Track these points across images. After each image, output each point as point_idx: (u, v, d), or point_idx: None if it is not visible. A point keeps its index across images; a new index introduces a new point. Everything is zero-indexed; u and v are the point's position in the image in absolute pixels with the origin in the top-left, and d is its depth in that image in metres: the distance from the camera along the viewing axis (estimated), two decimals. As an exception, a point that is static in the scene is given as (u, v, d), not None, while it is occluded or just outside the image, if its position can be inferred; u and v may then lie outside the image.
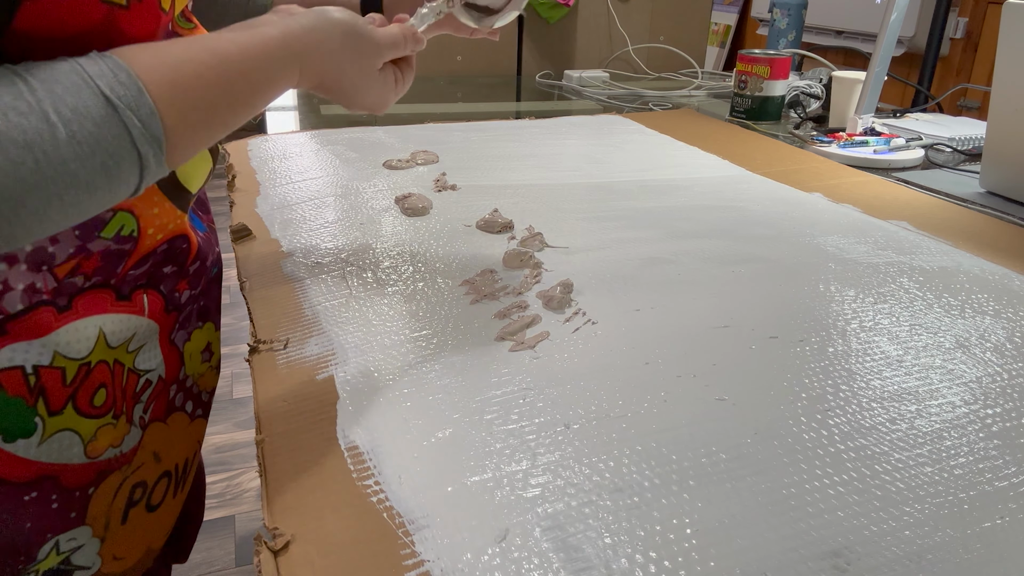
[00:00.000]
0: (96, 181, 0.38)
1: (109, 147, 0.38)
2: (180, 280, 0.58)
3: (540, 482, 0.43)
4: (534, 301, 0.65)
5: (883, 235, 0.83)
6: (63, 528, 0.52)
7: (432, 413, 0.49)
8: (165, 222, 0.54)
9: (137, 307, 0.54)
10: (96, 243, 0.49)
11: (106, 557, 0.55)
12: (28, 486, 0.49)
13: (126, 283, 0.53)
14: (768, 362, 0.56)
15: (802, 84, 1.44)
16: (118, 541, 0.56)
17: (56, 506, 0.51)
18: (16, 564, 0.50)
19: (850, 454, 0.47)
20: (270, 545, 0.38)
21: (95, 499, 0.53)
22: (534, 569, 0.37)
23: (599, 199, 0.91)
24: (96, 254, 0.50)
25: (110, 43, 0.43)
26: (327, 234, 0.77)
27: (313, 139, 1.13)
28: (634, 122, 1.31)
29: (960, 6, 2.37)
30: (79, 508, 0.53)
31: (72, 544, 0.53)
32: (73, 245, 0.48)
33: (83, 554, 0.54)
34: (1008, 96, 0.94)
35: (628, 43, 1.89)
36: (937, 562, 0.39)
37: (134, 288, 0.53)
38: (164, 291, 0.56)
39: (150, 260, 0.53)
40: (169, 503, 0.62)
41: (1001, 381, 0.55)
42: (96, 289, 0.51)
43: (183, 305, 0.59)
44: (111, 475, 0.54)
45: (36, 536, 0.51)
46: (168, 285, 0.57)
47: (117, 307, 0.52)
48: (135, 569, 0.59)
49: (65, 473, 0.51)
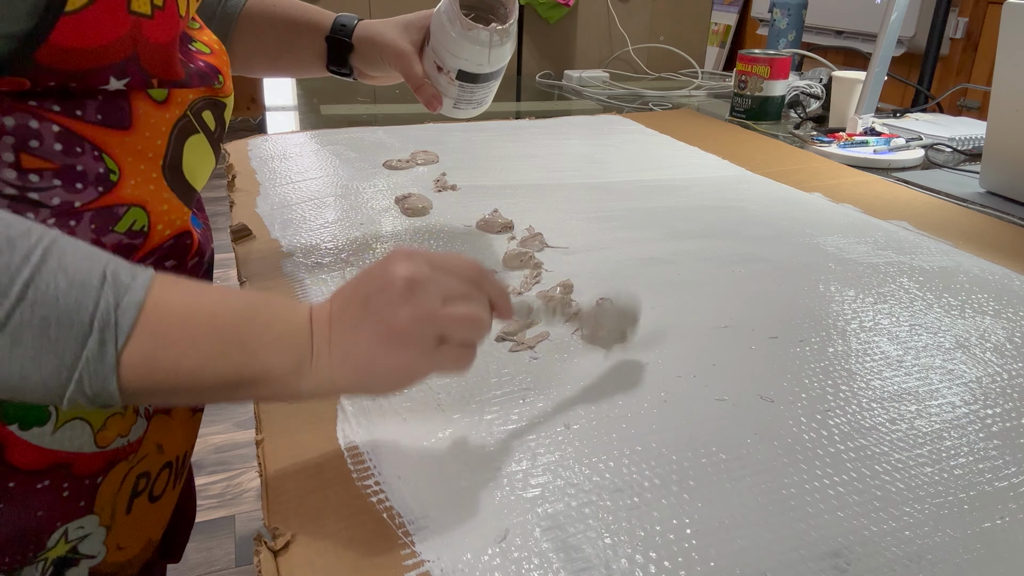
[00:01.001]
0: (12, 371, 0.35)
1: (52, 350, 0.35)
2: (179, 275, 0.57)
3: (540, 482, 0.43)
4: (534, 302, 0.64)
5: (883, 235, 0.83)
6: (73, 516, 0.52)
7: (432, 413, 0.49)
8: (173, 218, 0.53)
9: None
10: (110, 236, 0.49)
11: (110, 546, 0.56)
12: (41, 474, 0.49)
13: None
14: (768, 362, 0.56)
15: (802, 84, 1.44)
16: (122, 531, 0.56)
17: (67, 494, 0.51)
18: (27, 552, 0.50)
19: (850, 454, 0.47)
20: (270, 545, 0.38)
21: (103, 488, 0.53)
22: (534, 569, 0.37)
23: (599, 199, 0.91)
24: (108, 247, 0.49)
25: (135, 51, 0.45)
26: (327, 234, 0.77)
27: (313, 139, 1.13)
28: (634, 122, 1.31)
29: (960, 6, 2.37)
30: (88, 497, 0.53)
31: (80, 533, 0.53)
32: (88, 238, 0.48)
33: (89, 543, 0.54)
34: (1008, 96, 0.94)
35: (628, 43, 1.89)
36: (937, 562, 0.39)
37: None
38: None
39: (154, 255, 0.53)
40: (169, 494, 0.62)
41: (1001, 381, 0.55)
42: None
43: None
44: (118, 464, 0.54)
45: (47, 524, 0.51)
46: None
47: None
48: (136, 560, 0.59)
49: (77, 462, 0.51)
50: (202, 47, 0.56)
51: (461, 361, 0.42)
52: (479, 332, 0.42)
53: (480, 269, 0.44)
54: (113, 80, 0.46)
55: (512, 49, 0.70)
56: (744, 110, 1.38)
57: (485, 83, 0.71)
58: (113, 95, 0.47)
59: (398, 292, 0.40)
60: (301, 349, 0.40)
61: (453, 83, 0.69)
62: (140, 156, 0.50)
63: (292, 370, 0.39)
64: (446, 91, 0.71)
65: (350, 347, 0.40)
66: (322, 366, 0.40)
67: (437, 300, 0.40)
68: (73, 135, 0.46)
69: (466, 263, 0.43)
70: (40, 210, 0.46)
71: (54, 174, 0.46)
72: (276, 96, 1.50)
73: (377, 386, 0.41)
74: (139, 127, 0.49)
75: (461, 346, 0.41)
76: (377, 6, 1.73)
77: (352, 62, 0.74)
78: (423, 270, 0.41)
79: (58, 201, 0.46)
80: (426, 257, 0.42)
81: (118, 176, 0.49)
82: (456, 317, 0.41)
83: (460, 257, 0.43)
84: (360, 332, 0.40)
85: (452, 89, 0.70)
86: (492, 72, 0.70)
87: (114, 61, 0.45)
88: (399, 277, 0.40)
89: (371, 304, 0.40)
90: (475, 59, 0.67)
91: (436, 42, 0.68)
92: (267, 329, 0.40)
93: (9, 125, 0.44)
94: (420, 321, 0.39)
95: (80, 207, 0.47)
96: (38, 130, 0.45)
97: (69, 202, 0.47)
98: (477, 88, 0.71)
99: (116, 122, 0.48)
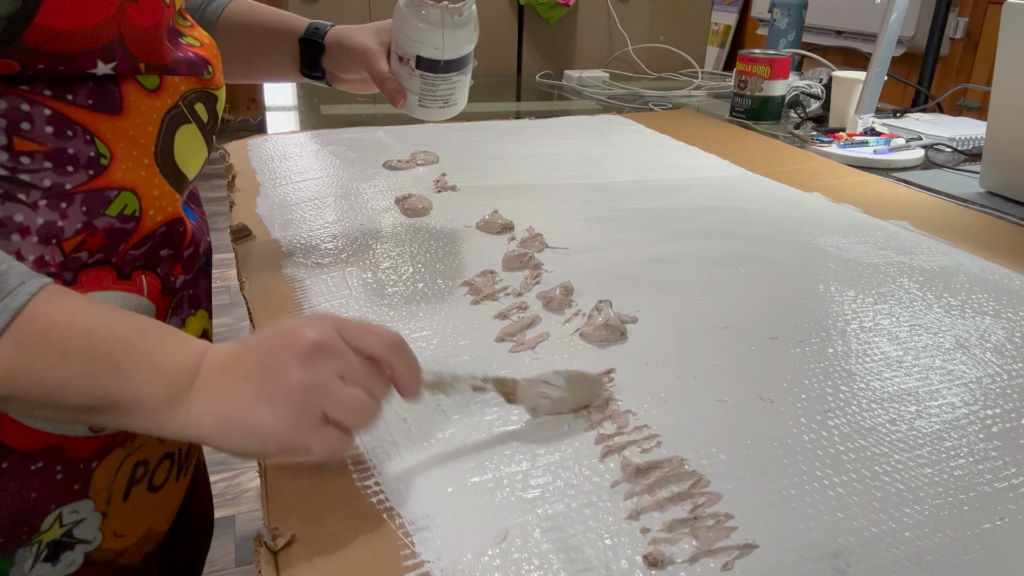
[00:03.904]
0: None
1: None
2: (175, 264, 0.58)
3: (540, 483, 0.43)
4: (534, 302, 0.65)
5: (883, 235, 0.83)
6: (66, 500, 0.53)
7: (432, 413, 0.49)
8: (164, 204, 0.54)
9: (137, 287, 0.55)
10: (101, 220, 0.50)
11: (107, 533, 0.56)
12: (34, 456, 0.50)
13: (126, 263, 0.53)
14: (768, 363, 0.56)
15: (802, 84, 1.44)
16: (119, 518, 0.57)
17: (60, 477, 0.52)
18: (20, 534, 0.51)
19: (850, 455, 0.47)
20: (270, 545, 0.38)
21: (98, 473, 0.54)
22: (534, 570, 0.37)
23: (599, 200, 0.91)
24: (101, 231, 0.50)
25: (120, 33, 0.46)
26: (327, 234, 0.77)
27: (313, 139, 1.13)
28: (634, 122, 1.31)
29: (960, 6, 2.37)
30: (82, 480, 0.53)
31: (74, 517, 0.53)
32: (80, 221, 0.49)
33: (84, 528, 0.55)
34: (1008, 96, 0.94)
35: (628, 43, 1.89)
36: (937, 563, 0.39)
37: (134, 268, 0.54)
38: (161, 274, 0.57)
39: (149, 242, 0.54)
40: (171, 487, 0.62)
41: (1001, 382, 0.55)
42: (99, 266, 0.52)
43: (177, 290, 0.59)
44: (114, 451, 0.55)
45: (41, 506, 0.51)
46: (164, 268, 0.57)
47: (118, 285, 0.53)
48: (135, 549, 0.60)
49: (70, 445, 0.52)
50: (192, 41, 0.57)
51: (337, 446, 0.40)
52: (364, 420, 0.40)
53: (397, 344, 0.42)
54: (101, 64, 0.47)
55: (472, 41, 0.70)
56: (744, 110, 1.38)
57: (447, 75, 0.70)
58: (104, 81, 0.48)
59: (298, 353, 0.38)
60: (178, 386, 0.38)
61: (414, 73, 0.70)
62: (132, 142, 0.50)
63: (162, 405, 0.38)
64: (409, 84, 0.71)
65: (229, 396, 0.38)
66: (194, 409, 0.38)
67: (334, 375, 0.39)
68: (65, 119, 0.47)
69: (385, 336, 0.42)
70: (31, 191, 0.46)
71: (45, 156, 0.46)
72: (276, 96, 1.50)
73: (240, 443, 0.39)
74: (130, 113, 0.50)
75: (341, 430, 0.40)
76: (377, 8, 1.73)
77: (323, 64, 0.76)
78: (333, 340, 0.39)
79: (49, 183, 0.47)
80: (343, 326, 0.41)
81: (109, 160, 0.49)
82: (346, 398, 0.39)
83: (381, 330, 0.42)
84: (246, 384, 0.38)
85: (414, 82, 0.71)
86: (451, 61, 0.69)
87: (100, 44, 0.46)
88: (306, 339, 0.39)
89: (268, 358, 0.39)
90: (430, 41, 0.67)
91: (395, 30, 0.69)
92: (146, 358, 0.39)
93: (1, 108, 0.45)
94: (309, 389, 0.38)
95: (71, 189, 0.48)
96: (29, 113, 0.45)
97: (60, 184, 0.47)
98: (439, 80, 0.70)
99: (107, 107, 0.49)
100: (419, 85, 0.71)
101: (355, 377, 0.40)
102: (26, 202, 0.46)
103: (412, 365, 0.43)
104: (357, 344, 0.41)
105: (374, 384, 0.41)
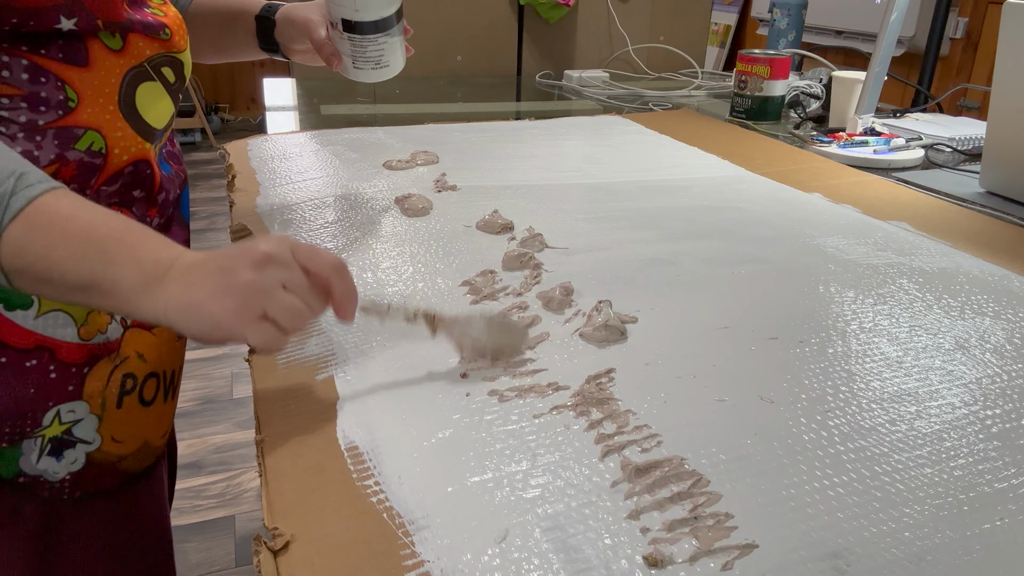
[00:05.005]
0: None
1: None
2: (150, 207, 0.66)
3: (540, 483, 0.43)
4: (534, 302, 0.65)
5: (883, 236, 0.83)
6: (63, 399, 0.60)
7: (432, 413, 0.49)
8: (128, 145, 0.61)
9: None
10: (72, 153, 0.58)
11: (105, 436, 0.63)
12: (28, 353, 0.58)
13: (101, 198, 0.60)
14: (768, 363, 0.56)
15: (802, 84, 1.44)
16: (115, 423, 0.64)
17: (54, 376, 0.59)
18: (24, 426, 0.59)
19: (850, 455, 0.47)
20: (270, 545, 0.38)
21: (89, 378, 0.61)
22: (534, 570, 0.37)
23: (599, 200, 0.91)
24: (72, 163, 0.58)
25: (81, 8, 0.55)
26: (327, 234, 0.78)
27: (313, 139, 1.13)
28: (634, 122, 1.31)
29: (960, 6, 2.37)
30: (76, 383, 0.61)
31: (72, 416, 0.61)
32: (53, 152, 0.57)
33: (83, 428, 0.62)
34: (1008, 96, 0.94)
35: (628, 43, 1.89)
36: (937, 563, 0.39)
37: (109, 204, 0.61)
38: (137, 213, 0.64)
39: (119, 180, 0.61)
40: (161, 405, 0.69)
41: (1001, 382, 0.55)
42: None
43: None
44: (101, 360, 0.62)
45: (40, 403, 0.59)
46: (139, 209, 0.64)
47: None
48: (134, 458, 0.66)
49: (60, 349, 0.59)
50: (157, 11, 0.64)
51: (271, 342, 0.46)
52: (297, 324, 0.47)
53: (338, 267, 0.48)
54: (64, 20, 0.55)
55: (393, 4, 0.74)
56: (744, 110, 1.38)
57: (373, 36, 0.75)
58: (71, 39, 0.56)
59: (251, 260, 0.45)
60: (152, 276, 0.45)
61: (343, 36, 0.75)
62: (97, 91, 0.58)
63: (138, 289, 0.45)
64: (341, 48, 0.77)
65: (191, 288, 0.45)
66: (163, 297, 0.45)
67: (278, 282, 0.46)
68: (39, 68, 0.56)
69: (329, 259, 0.48)
70: (10, 125, 0.55)
71: (22, 98, 0.55)
72: (276, 96, 1.50)
73: (195, 327, 0.45)
74: (95, 67, 0.58)
75: (276, 328, 0.46)
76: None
77: (276, 38, 0.84)
78: (283, 254, 0.46)
79: (24, 119, 0.56)
80: (296, 246, 0.47)
81: (76, 103, 0.57)
82: (283, 302, 0.46)
83: (328, 254, 0.48)
84: (206, 280, 0.45)
85: (345, 44, 0.76)
86: (375, 22, 0.74)
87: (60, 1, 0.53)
88: (260, 250, 0.46)
89: (227, 262, 0.46)
90: (349, 4, 0.72)
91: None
92: (130, 249, 0.46)
93: None
94: (253, 288, 0.45)
95: (43, 125, 0.56)
96: (8, 63, 0.54)
97: (34, 120, 0.56)
98: (367, 42, 0.75)
99: (75, 60, 0.57)
100: (349, 47, 0.76)
101: (296, 288, 0.46)
102: (6, 134, 0.55)
103: (349, 288, 0.49)
104: (304, 262, 0.47)
105: (311, 298, 0.47)
